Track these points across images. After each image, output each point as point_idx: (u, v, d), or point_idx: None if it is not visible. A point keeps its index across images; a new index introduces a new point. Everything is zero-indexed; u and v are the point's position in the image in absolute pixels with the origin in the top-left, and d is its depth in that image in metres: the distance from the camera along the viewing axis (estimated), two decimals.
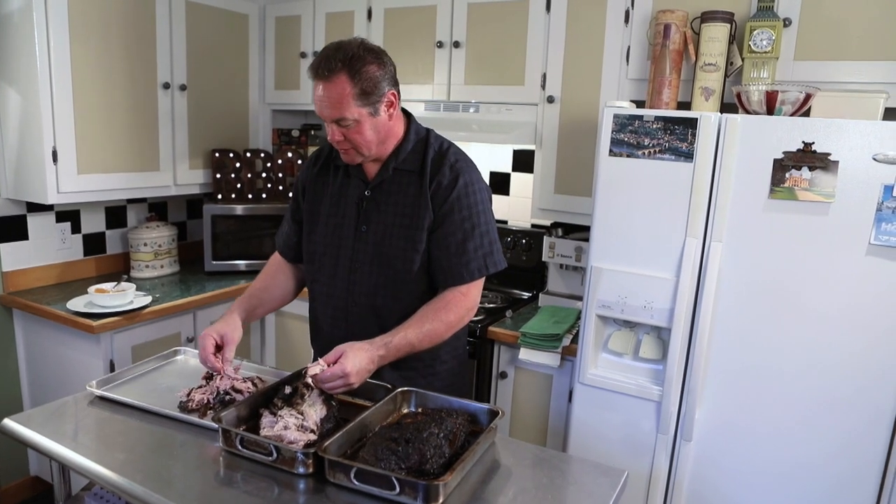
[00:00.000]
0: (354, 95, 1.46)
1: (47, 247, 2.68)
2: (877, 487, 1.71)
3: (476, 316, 2.45)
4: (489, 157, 3.00)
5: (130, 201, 2.97)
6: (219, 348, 1.54)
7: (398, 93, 1.56)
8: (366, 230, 1.61)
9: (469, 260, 1.56)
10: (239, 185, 2.99)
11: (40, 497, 2.71)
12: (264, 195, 3.06)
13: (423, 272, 1.60)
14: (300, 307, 2.80)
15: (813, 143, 1.66)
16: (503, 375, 2.37)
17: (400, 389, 1.47)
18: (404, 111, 1.65)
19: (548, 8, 2.39)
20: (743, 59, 2.03)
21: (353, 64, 1.45)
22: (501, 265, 1.63)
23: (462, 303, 1.57)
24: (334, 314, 1.67)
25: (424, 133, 1.64)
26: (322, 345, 1.71)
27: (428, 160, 1.58)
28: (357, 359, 1.39)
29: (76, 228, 2.78)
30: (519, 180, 2.94)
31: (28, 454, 2.70)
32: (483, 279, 1.62)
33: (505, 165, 2.97)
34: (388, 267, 1.59)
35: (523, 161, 2.91)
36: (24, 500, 2.68)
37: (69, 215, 2.75)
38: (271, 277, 1.79)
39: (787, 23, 1.98)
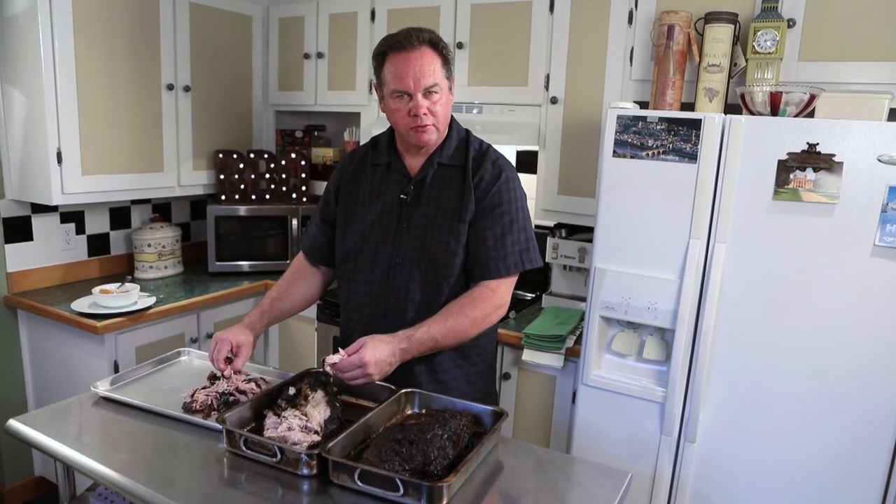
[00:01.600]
0: (441, 63, 1.53)
1: (52, 248, 2.69)
2: (882, 487, 1.70)
3: None
4: None
5: (134, 202, 2.98)
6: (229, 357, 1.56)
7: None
8: (407, 226, 1.61)
9: (507, 254, 1.57)
10: (242, 186, 3.00)
11: (45, 497, 2.72)
12: (268, 196, 3.06)
13: (462, 267, 1.60)
14: None
15: (817, 144, 1.65)
16: (507, 376, 2.37)
17: (404, 391, 1.47)
18: None
19: (551, 9, 2.39)
20: (747, 60, 2.02)
21: (434, 38, 1.55)
22: (537, 263, 1.64)
23: (490, 299, 1.56)
24: (371, 312, 1.65)
25: (465, 132, 1.69)
26: None
27: (470, 156, 1.62)
28: (377, 350, 1.39)
29: (80, 229, 2.79)
30: (522, 181, 2.90)
31: (33, 455, 2.70)
32: (515, 277, 1.62)
33: None
34: (429, 262, 1.59)
35: (527, 162, 2.91)
36: (28, 500, 2.69)
37: (73, 216, 2.75)
38: (291, 285, 1.77)
39: (791, 23, 1.98)
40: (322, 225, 1.76)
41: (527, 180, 2.88)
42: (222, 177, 2.95)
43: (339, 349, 1.40)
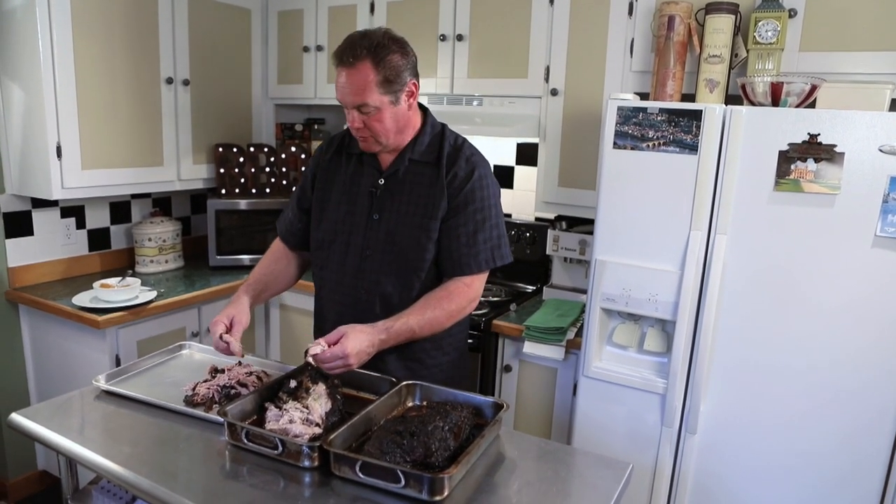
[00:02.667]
0: (377, 83, 1.48)
1: (52, 242, 2.69)
2: (882, 480, 1.71)
3: (480, 309, 2.45)
4: (493, 151, 2.99)
5: (135, 196, 2.98)
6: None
7: (418, 83, 1.59)
8: (378, 218, 1.62)
9: (479, 251, 1.59)
10: (242, 180, 3.00)
11: (48, 491, 2.73)
12: (268, 190, 3.06)
13: (433, 262, 1.62)
14: (304, 301, 2.81)
15: (818, 134, 1.65)
16: (508, 369, 2.37)
17: (405, 383, 1.47)
18: (421, 106, 1.67)
19: (551, 0, 2.38)
20: (748, 51, 2.02)
21: (378, 52, 1.47)
22: (508, 259, 1.66)
23: (465, 293, 1.59)
24: (342, 300, 1.68)
25: (440, 127, 1.67)
26: (328, 331, 1.72)
27: (444, 152, 1.61)
28: (357, 341, 1.41)
29: (81, 224, 2.79)
30: (523, 174, 2.94)
31: (35, 448, 2.71)
32: (487, 272, 1.64)
33: (509, 159, 2.96)
34: (399, 255, 1.61)
35: (527, 154, 2.91)
36: (32, 493, 2.70)
37: (74, 211, 2.75)
38: (274, 263, 1.80)
39: (792, 13, 1.97)
40: (298, 212, 1.79)
41: (527, 173, 2.91)
42: (222, 170, 2.95)
43: (320, 341, 1.42)
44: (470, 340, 2.37)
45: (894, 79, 1.85)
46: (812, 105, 1.83)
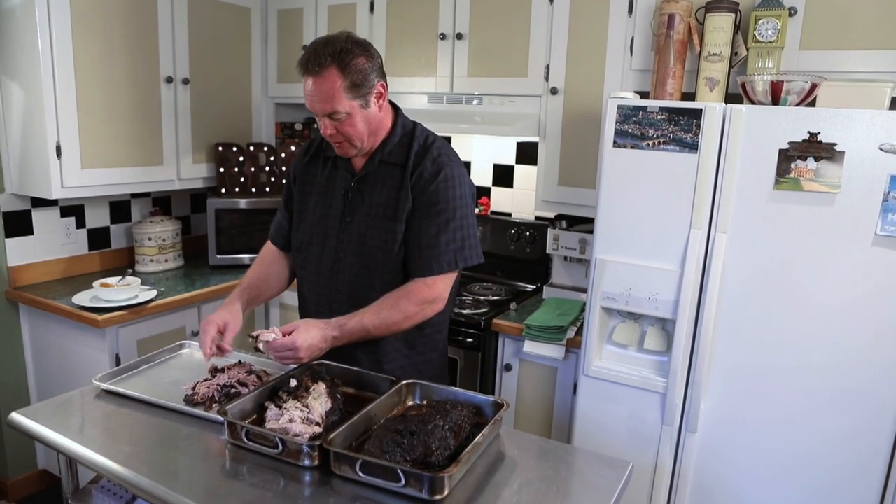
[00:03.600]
0: (345, 88, 1.48)
1: (52, 242, 2.69)
2: (882, 480, 1.71)
3: (480, 308, 2.45)
4: (492, 150, 2.99)
5: (134, 196, 2.97)
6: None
7: (386, 84, 1.58)
8: (350, 220, 1.64)
9: (440, 253, 1.58)
10: (242, 179, 3.00)
11: (48, 490, 2.73)
12: (268, 189, 3.06)
13: (403, 263, 1.62)
14: None
15: (819, 133, 1.64)
16: (508, 368, 2.37)
17: (405, 382, 1.47)
18: (392, 104, 1.67)
19: None
20: (748, 49, 2.01)
21: (343, 57, 1.47)
22: (474, 261, 1.63)
23: (424, 293, 1.57)
24: (319, 300, 1.70)
25: (411, 126, 1.66)
26: None
27: (412, 152, 1.60)
28: (309, 335, 1.44)
29: (81, 223, 2.79)
30: (522, 172, 2.94)
31: (36, 447, 2.71)
32: (454, 273, 1.63)
33: (508, 158, 2.96)
34: (369, 257, 1.62)
35: (527, 153, 2.91)
36: (32, 493, 2.70)
37: (73, 210, 2.75)
38: (267, 266, 1.81)
39: (792, 12, 1.97)
40: (285, 213, 1.82)
41: (527, 171, 2.91)
42: (222, 170, 2.95)
43: (274, 328, 1.45)
44: (469, 339, 2.37)
45: (894, 77, 1.85)
46: (812, 103, 1.83)
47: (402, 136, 1.63)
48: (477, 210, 2.72)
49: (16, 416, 1.39)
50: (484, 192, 3.04)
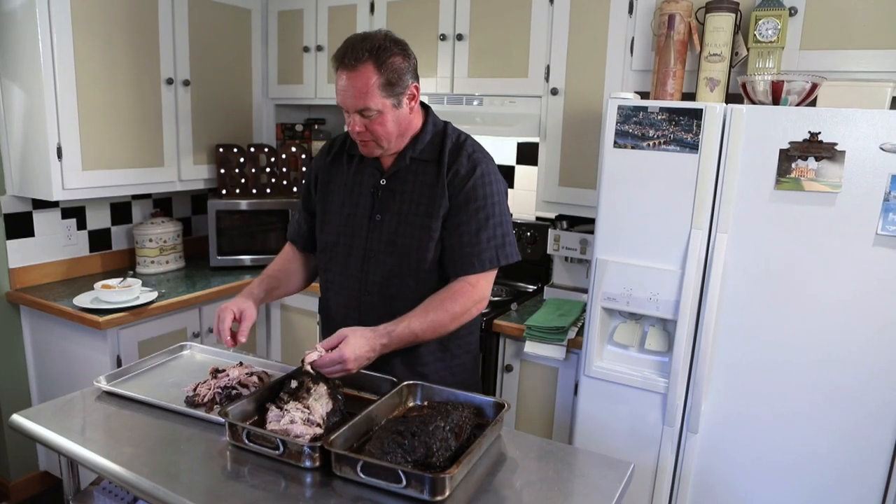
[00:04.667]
0: (380, 86, 1.46)
1: (53, 243, 2.69)
2: (884, 477, 1.70)
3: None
4: (493, 150, 2.95)
5: (135, 197, 2.98)
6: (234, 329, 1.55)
7: (419, 86, 1.57)
8: (380, 219, 1.61)
9: (482, 250, 1.56)
10: (243, 181, 3.00)
11: (50, 492, 2.73)
12: (268, 190, 3.06)
13: (437, 262, 1.59)
14: (306, 302, 2.81)
15: (819, 132, 1.64)
16: (509, 368, 2.37)
17: (405, 383, 1.47)
18: (422, 104, 1.65)
19: None
20: (748, 49, 2.01)
21: (380, 55, 1.45)
22: (514, 258, 1.62)
23: (469, 294, 1.56)
24: (347, 303, 1.66)
25: (442, 125, 1.65)
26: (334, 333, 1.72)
27: (446, 150, 1.59)
28: (357, 346, 1.39)
29: (82, 225, 2.79)
30: (523, 173, 2.94)
31: (37, 449, 2.71)
32: (495, 271, 1.61)
33: (509, 158, 2.96)
34: (402, 256, 1.59)
35: (527, 154, 2.91)
36: (34, 494, 2.70)
37: (75, 212, 2.75)
38: (287, 263, 1.80)
39: (792, 12, 1.97)
40: (304, 213, 1.79)
41: (528, 172, 2.91)
42: (223, 171, 2.95)
43: (317, 346, 1.41)
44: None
45: (895, 77, 1.84)
46: (813, 103, 1.83)
47: (433, 135, 1.61)
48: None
49: (17, 418, 1.39)
50: None
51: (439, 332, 1.54)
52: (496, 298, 2.62)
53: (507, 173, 2.97)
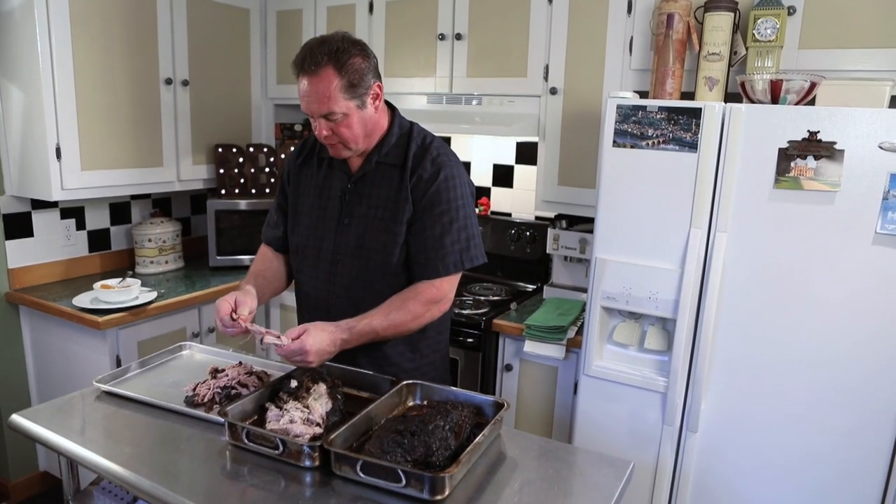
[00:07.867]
0: (342, 88, 1.46)
1: (52, 243, 2.69)
2: (884, 476, 1.71)
3: (480, 308, 2.45)
4: (492, 150, 2.99)
5: (134, 197, 2.98)
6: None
7: (382, 85, 1.56)
8: (348, 223, 1.62)
9: (446, 254, 1.56)
10: (242, 181, 3.00)
11: (50, 492, 2.73)
12: (268, 190, 3.06)
13: (403, 266, 1.60)
14: None
15: (818, 131, 1.64)
16: (508, 368, 2.37)
17: (405, 382, 1.47)
18: (388, 104, 1.65)
19: None
20: (747, 49, 2.01)
21: (339, 57, 1.45)
22: (479, 260, 1.62)
23: (431, 294, 1.57)
24: (316, 304, 1.68)
25: (408, 126, 1.64)
26: None
27: (410, 153, 1.58)
28: (318, 339, 1.41)
29: (81, 225, 2.79)
30: (522, 172, 2.94)
31: (37, 449, 2.71)
32: (458, 274, 1.61)
33: (508, 158, 2.96)
34: (368, 259, 1.60)
35: (527, 153, 2.91)
36: (33, 494, 2.70)
37: (74, 212, 2.75)
38: (269, 262, 1.79)
39: (791, 11, 1.97)
40: (278, 215, 1.79)
41: (527, 171, 2.91)
42: (222, 171, 2.95)
43: (280, 335, 1.42)
44: (470, 339, 2.37)
45: (894, 75, 1.85)
46: (811, 102, 1.83)
47: (399, 137, 1.61)
48: (477, 210, 2.72)
49: (17, 418, 1.39)
50: (484, 192, 3.04)
51: (400, 330, 1.55)
52: (496, 298, 2.62)
53: (506, 173, 2.98)
